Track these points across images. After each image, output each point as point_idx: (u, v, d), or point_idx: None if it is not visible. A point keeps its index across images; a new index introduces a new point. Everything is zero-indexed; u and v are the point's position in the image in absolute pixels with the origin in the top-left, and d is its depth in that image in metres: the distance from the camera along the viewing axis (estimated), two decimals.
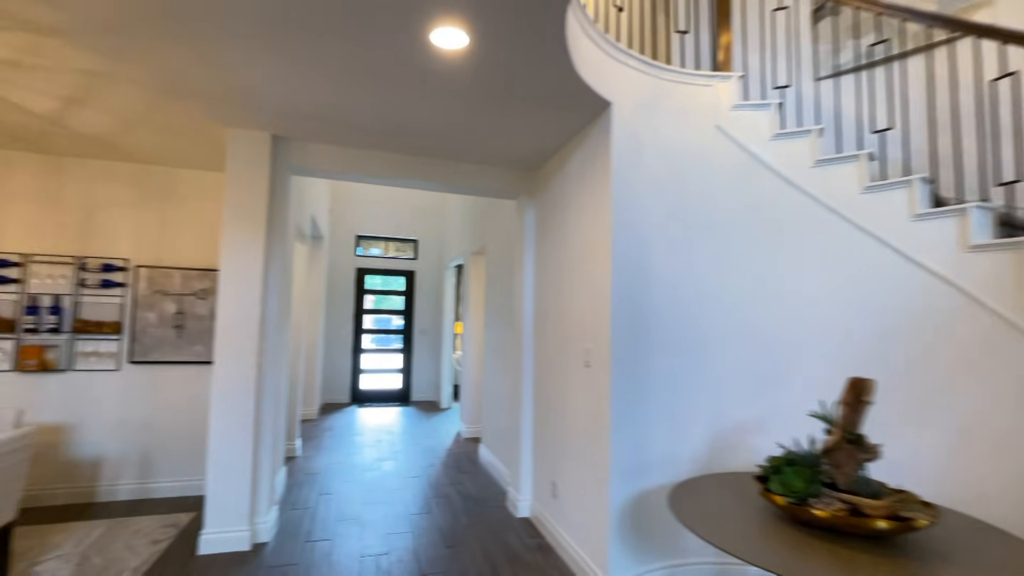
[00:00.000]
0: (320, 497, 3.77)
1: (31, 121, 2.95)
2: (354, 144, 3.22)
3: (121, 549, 2.81)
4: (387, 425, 6.37)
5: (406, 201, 8.35)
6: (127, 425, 3.62)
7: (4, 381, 3.43)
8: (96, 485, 3.55)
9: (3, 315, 3.43)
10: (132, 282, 3.67)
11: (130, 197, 3.71)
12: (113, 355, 3.61)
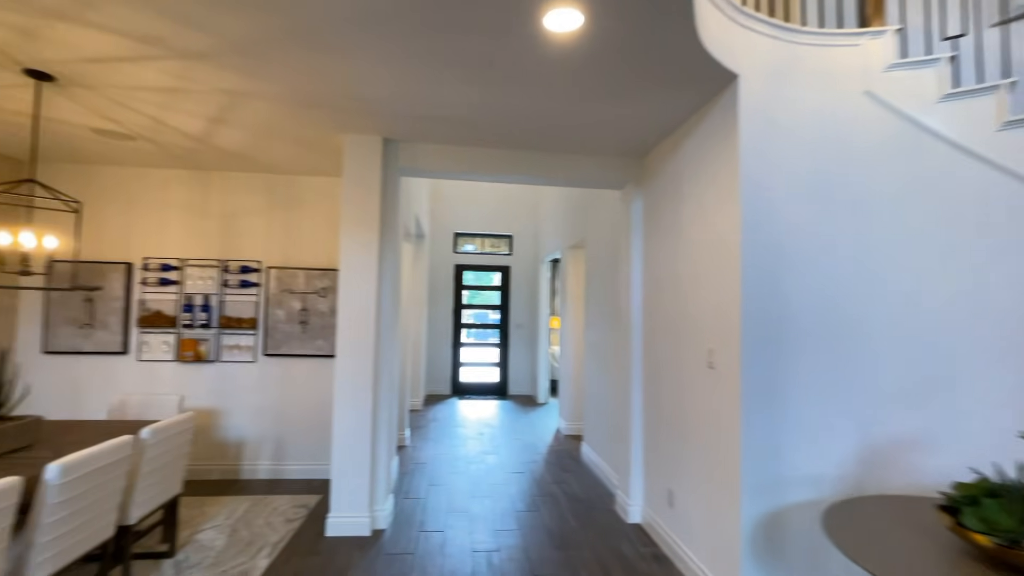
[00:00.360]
0: (430, 488, 3.90)
1: (184, 141, 3.33)
2: (459, 142, 3.24)
3: (262, 525, 3.10)
4: (487, 418, 6.48)
5: (501, 197, 8.42)
6: (263, 412, 4.01)
7: (168, 370, 3.95)
8: (240, 464, 3.97)
9: (166, 312, 3.95)
10: (264, 282, 4.04)
11: (261, 204, 4.08)
12: (250, 348, 4.00)
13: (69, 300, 3.88)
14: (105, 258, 3.95)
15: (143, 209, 3.99)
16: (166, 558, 2.66)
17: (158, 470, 2.44)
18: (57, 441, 2.41)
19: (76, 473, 1.86)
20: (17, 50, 2.18)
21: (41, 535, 1.77)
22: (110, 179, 3.98)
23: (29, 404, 3.85)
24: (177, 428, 2.54)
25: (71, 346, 3.88)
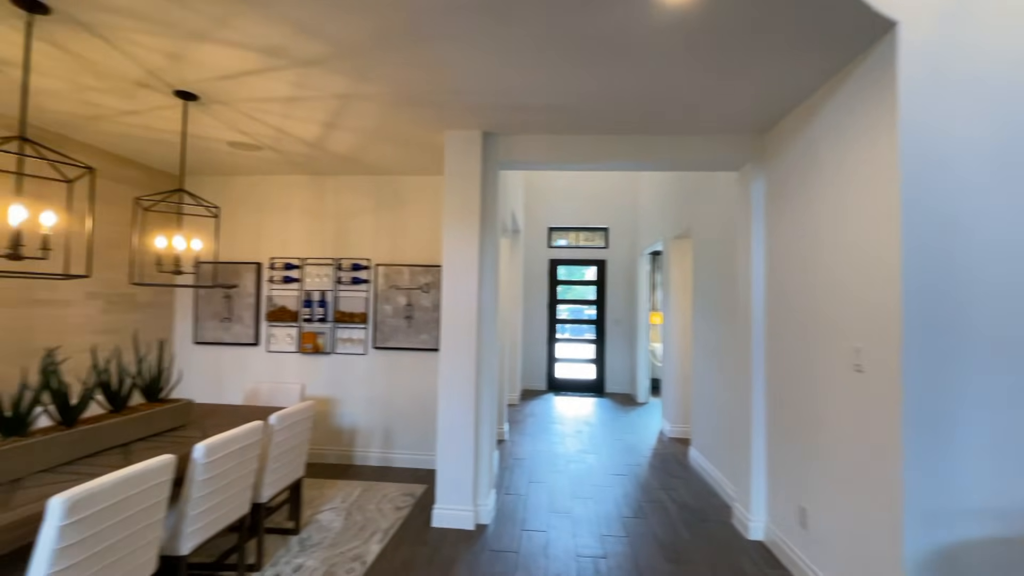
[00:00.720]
0: (530, 485, 3.85)
1: (302, 148, 3.58)
2: (559, 131, 3.13)
3: (373, 511, 3.25)
4: (584, 416, 6.33)
5: (596, 189, 8.18)
6: (373, 402, 4.22)
7: (291, 360, 4.30)
8: (353, 450, 4.23)
9: (290, 308, 4.30)
10: (373, 279, 4.25)
11: (369, 205, 4.29)
12: (361, 341, 4.23)
13: (212, 297, 4.38)
14: (239, 258, 4.40)
15: (270, 213, 4.39)
16: (292, 535, 2.88)
17: (284, 453, 2.63)
18: (204, 423, 2.69)
19: (218, 453, 2.04)
20: (168, 74, 2.44)
21: (191, 508, 1.97)
22: (242, 187, 4.42)
23: (182, 388, 4.41)
24: (300, 415, 2.72)
25: (215, 337, 4.37)
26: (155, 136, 3.37)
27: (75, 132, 3.32)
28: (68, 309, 3.47)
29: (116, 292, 3.85)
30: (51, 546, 1.38)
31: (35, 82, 2.57)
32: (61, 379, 2.04)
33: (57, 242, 3.18)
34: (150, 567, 1.78)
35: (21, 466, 1.79)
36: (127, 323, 3.95)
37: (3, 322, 3.05)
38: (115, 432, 2.19)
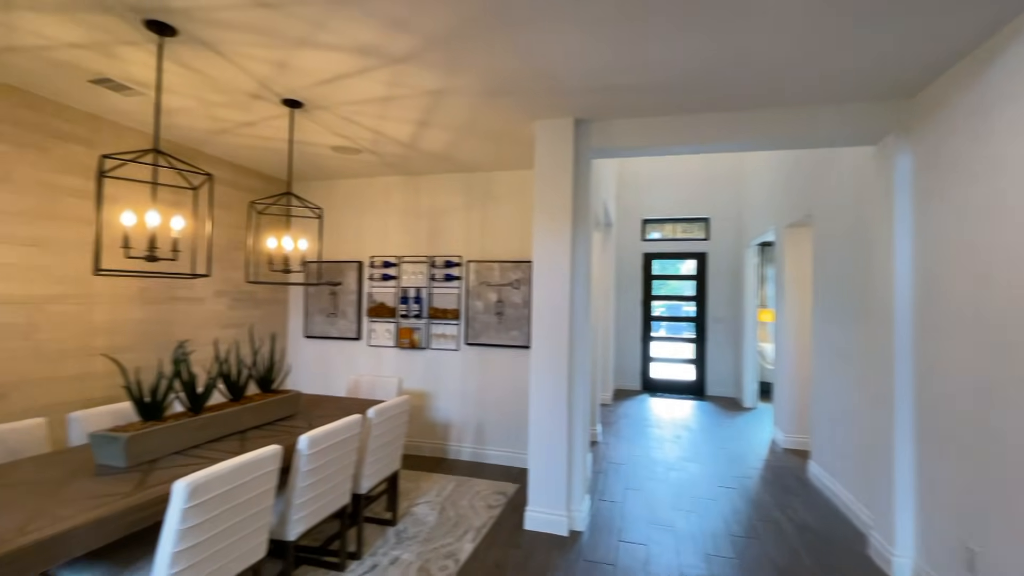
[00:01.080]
0: (627, 492, 3.64)
1: (397, 148, 3.67)
2: (658, 112, 2.89)
3: (466, 507, 3.25)
4: (683, 419, 5.92)
5: (695, 177, 7.64)
6: (465, 397, 4.25)
7: (390, 354, 4.47)
8: (447, 444, 4.29)
9: (388, 304, 4.47)
10: (465, 275, 4.27)
11: (460, 202, 4.32)
12: (454, 337, 4.28)
13: (320, 294, 4.68)
14: (343, 258, 4.66)
15: (369, 214, 4.59)
16: (389, 525, 2.96)
17: (382, 447, 2.69)
18: (310, 413, 2.84)
19: (320, 445, 2.11)
20: (276, 83, 2.59)
21: (296, 496, 2.05)
22: (345, 191, 4.67)
23: (295, 378, 4.77)
24: (396, 409, 2.77)
25: (322, 332, 4.67)
26: (268, 145, 3.64)
27: (204, 146, 3.69)
28: (201, 306, 3.88)
29: (239, 290, 4.24)
30: (175, 526, 1.48)
31: (169, 102, 2.86)
32: (190, 369, 2.24)
33: (185, 245, 3.56)
34: (261, 550, 1.87)
35: (157, 447, 1.98)
36: (249, 319, 4.34)
37: (151, 316, 3.48)
38: (234, 419, 2.36)
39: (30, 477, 1.75)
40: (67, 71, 2.50)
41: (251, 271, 3.39)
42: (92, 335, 3.10)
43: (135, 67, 2.45)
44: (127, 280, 3.31)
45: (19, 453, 2.10)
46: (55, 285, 2.90)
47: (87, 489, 1.66)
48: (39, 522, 1.42)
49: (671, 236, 7.83)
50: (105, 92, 2.75)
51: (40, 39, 2.19)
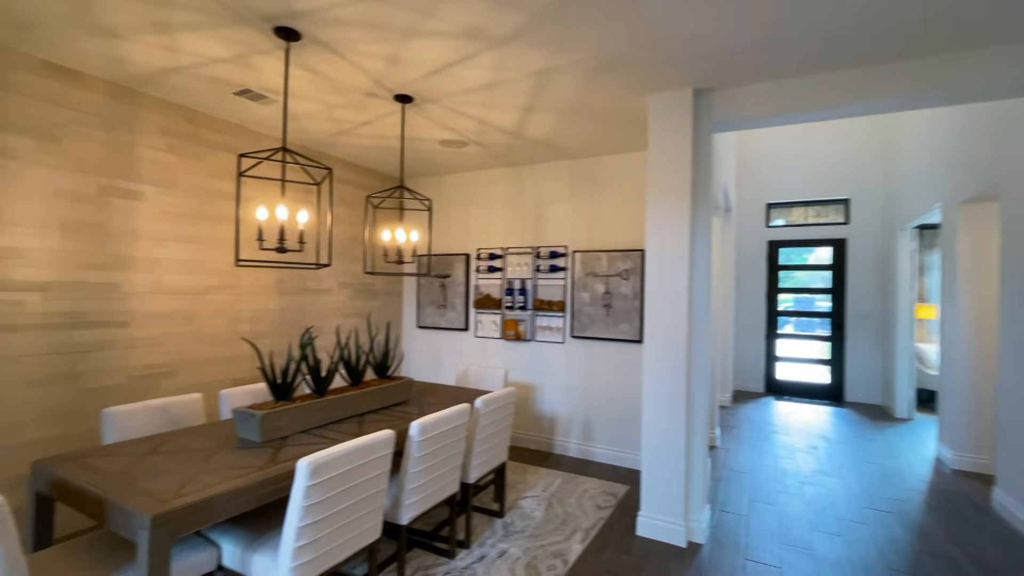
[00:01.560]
0: (753, 505, 3.26)
1: (502, 138, 3.64)
2: (794, 72, 2.50)
3: (574, 505, 3.13)
4: (817, 427, 5.23)
5: (830, 153, 6.70)
6: (571, 392, 4.13)
7: (496, 346, 4.50)
8: (553, 439, 4.21)
9: (494, 296, 4.50)
10: (570, 266, 4.14)
11: (565, 190, 4.19)
12: (559, 330, 4.18)
13: (431, 286, 4.85)
14: (451, 251, 4.77)
15: (475, 207, 4.64)
16: (497, 517, 2.94)
17: (489, 437, 2.67)
18: (422, 400, 2.92)
19: (430, 432, 2.13)
20: (388, 79, 2.66)
21: (409, 481, 2.09)
22: (452, 185, 4.77)
23: (408, 366, 5.01)
24: (503, 400, 2.74)
25: (433, 322, 4.84)
26: (382, 143, 3.82)
27: (327, 148, 3.97)
28: (327, 296, 4.20)
29: (360, 282, 4.53)
30: (300, 503, 1.56)
31: (297, 107, 3.09)
32: (315, 354, 2.39)
33: (310, 238, 3.86)
34: (376, 531, 1.93)
35: (287, 425, 2.13)
36: (368, 309, 4.63)
37: (286, 305, 3.83)
38: (353, 403, 2.48)
39: (186, 446, 1.97)
40: (216, 85, 2.80)
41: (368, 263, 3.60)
42: (239, 322, 3.49)
43: (269, 75, 2.66)
44: (266, 273, 3.67)
45: (181, 423, 2.39)
46: (210, 277, 3.30)
47: (229, 460, 1.82)
48: (191, 487, 1.57)
49: (800, 221, 6.97)
50: (246, 102, 3.04)
51: (194, 57, 2.47)
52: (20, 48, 2.43)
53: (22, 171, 2.47)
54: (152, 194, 2.99)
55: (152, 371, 2.98)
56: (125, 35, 2.27)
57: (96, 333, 2.74)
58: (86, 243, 2.70)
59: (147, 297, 2.97)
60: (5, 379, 2.42)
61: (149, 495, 1.49)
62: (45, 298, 2.55)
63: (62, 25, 2.20)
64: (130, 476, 1.64)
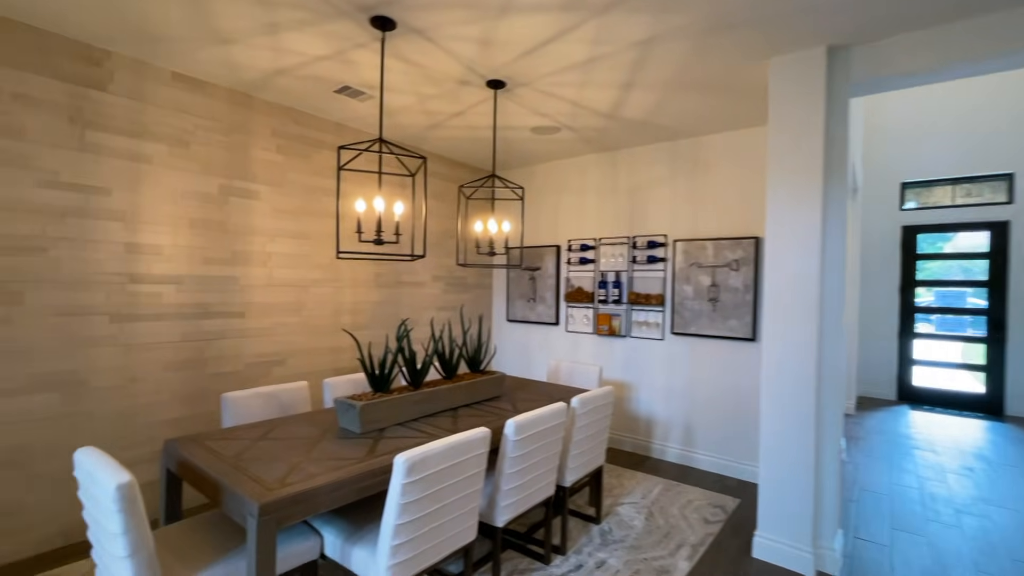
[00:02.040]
0: (895, 534, 2.78)
1: (596, 121, 3.43)
2: (959, 13, 2.03)
3: (677, 517, 2.87)
4: (970, 444, 4.42)
5: (985, 122, 5.63)
6: (671, 392, 3.83)
7: (587, 341, 4.31)
8: (650, 442, 3.94)
9: (586, 289, 4.30)
10: (670, 256, 3.83)
11: (664, 174, 3.88)
12: (658, 325, 3.89)
13: (520, 279, 4.76)
14: (541, 242, 4.65)
15: (566, 196, 4.47)
16: (593, 523, 2.77)
17: (587, 439, 2.51)
18: (514, 396, 2.82)
19: (527, 432, 2.01)
20: (480, 64, 2.58)
21: (504, 482, 1.99)
22: (543, 175, 4.64)
23: (497, 361, 4.97)
24: (600, 400, 2.56)
25: (523, 316, 4.76)
26: (474, 134, 3.77)
27: (421, 142, 4.01)
28: (422, 289, 4.27)
29: (452, 275, 4.57)
30: (397, 500, 1.51)
31: (393, 101, 3.12)
32: (411, 346, 2.38)
33: (405, 230, 3.92)
34: (472, 532, 1.85)
35: (384, 417, 2.12)
36: (460, 302, 4.65)
37: (383, 298, 3.94)
38: (447, 397, 2.44)
39: (293, 433, 2.03)
40: (318, 85, 2.90)
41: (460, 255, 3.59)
42: (340, 313, 3.63)
43: (366, 70, 2.70)
44: (365, 266, 3.79)
45: (289, 409, 2.50)
46: (314, 270, 3.46)
47: (330, 450, 1.84)
48: (295, 476, 1.58)
49: (946, 203, 5.94)
50: (345, 100, 3.13)
51: (298, 57, 2.55)
52: (155, 62, 2.67)
53: (158, 175, 2.72)
54: (265, 193, 3.18)
55: (264, 359, 3.19)
56: (238, 40, 2.39)
57: (218, 323, 2.97)
58: (210, 239, 2.93)
59: (261, 289, 3.17)
60: (148, 363, 2.69)
61: (258, 482, 1.52)
62: (177, 290, 2.80)
63: (185, 36, 2.36)
64: (243, 461, 1.70)
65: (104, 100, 2.52)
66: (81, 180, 2.46)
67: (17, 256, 2.29)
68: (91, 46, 2.47)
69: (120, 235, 2.59)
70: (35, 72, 2.32)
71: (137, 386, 2.66)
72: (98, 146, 2.51)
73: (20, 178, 2.29)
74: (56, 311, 2.40)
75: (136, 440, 2.66)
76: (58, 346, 2.40)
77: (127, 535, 1.29)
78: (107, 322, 2.55)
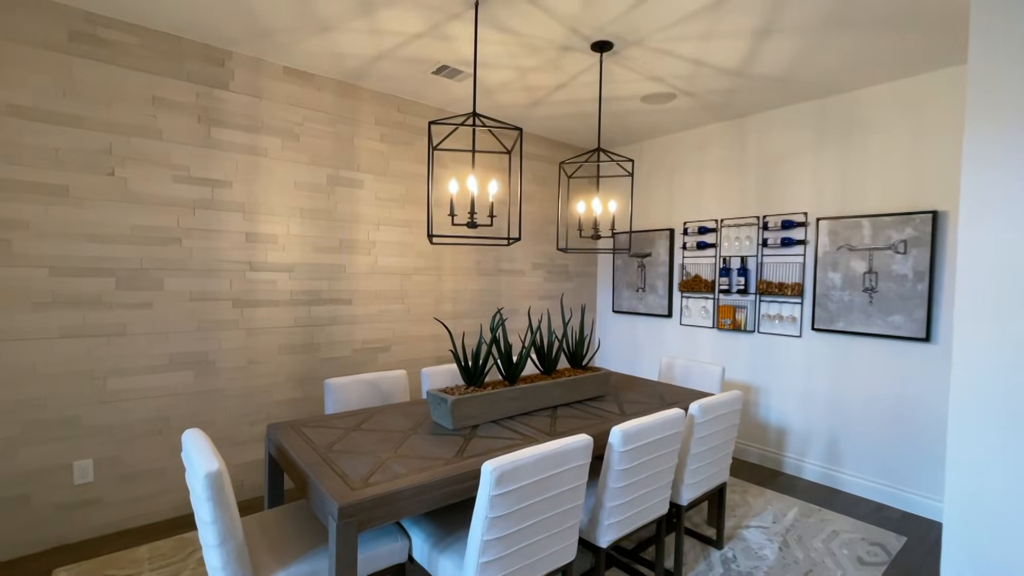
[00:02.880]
0: None
1: (720, 82, 2.95)
2: None
3: (822, 552, 2.38)
4: None
5: None
6: (810, 399, 3.24)
7: (706, 336, 3.83)
8: (782, 454, 3.39)
9: (704, 277, 3.82)
10: (812, 238, 3.22)
11: (806, 141, 3.25)
12: (794, 320, 3.30)
13: (628, 267, 4.39)
14: (652, 226, 4.23)
15: (681, 174, 4.00)
16: (713, 546, 2.40)
17: (708, 451, 2.14)
18: (620, 396, 2.53)
19: (635, 442, 1.73)
20: (583, 23, 2.29)
21: (609, 498, 1.73)
22: (655, 151, 4.20)
23: (601, 355, 4.66)
24: (726, 408, 2.17)
25: (630, 307, 4.39)
26: (576, 109, 3.48)
27: (521, 122, 3.82)
28: (521, 277, 4.11)
29: (553, 263, 4.34)
30: (485, 514, 1.33)
31: (489, 78, 2.95)
32: (506, 338, 2.20)
33: (501, 212, 3.76)
34: (571, 552, 1.63)
35: (477, 414, 1.98)
36: (561, 291, 4.42)
37: (483, 286, 3.85)
38: (545, 394, 2.23)
39: (386, 424, 1.97)
40: (416, 67, 2.82)
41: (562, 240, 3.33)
42: (441, 301, 3.60)
43: (461, 44, 2.55)
44: (465, 254, 3.72)
45: (388, 397, 2.48)
46: (417, 258, 3.45)
47: (420, 447, 1.72)
48: (380, 474, 1.48)
49: None
50: (443, 82, 3.03)
51: (395, 37, 2.48)
52: (269, 59, 2.77)
53: (272, 167, 2.84)
54: (369, 181, 3.21)
55: (370, 346, 3.24)
56: (336, 25, 2.37)
57: (327, 309, 3.06)
58: (319, 228, 3.02)
59: (366, 277, 3.22)
60: (265, 345, 2.85)
61: (342, 479, 1.44)
62: (291, 277, 2.93)
63: (290, 27, 2.40)
64: (333, 452, 1.65)
65: (226, 98, 2.68)
66: (207, 174, 2.64)
67: (158, 246, 2.51)
68: (215, 47, 2.63)
69: (240, 225, 2.75)
70: (171, 76, 2.51)
71: (256, 368, 2.82)
72: (221, 142, 2.67)
73: (159, 175, 2.50)
74: (190, 297, 2.60)
75: (259, 417, 2.84)
76: (192, 328, 2.62)
77: (216, 524, 1.26)
78: (230, 307, 2.73)
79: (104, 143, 2.36)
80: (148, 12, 2.30)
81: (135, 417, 2.48)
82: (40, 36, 2.20)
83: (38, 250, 2.23)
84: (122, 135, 2.40)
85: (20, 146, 2.18)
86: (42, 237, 2.24)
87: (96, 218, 2.35)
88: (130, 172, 2.43)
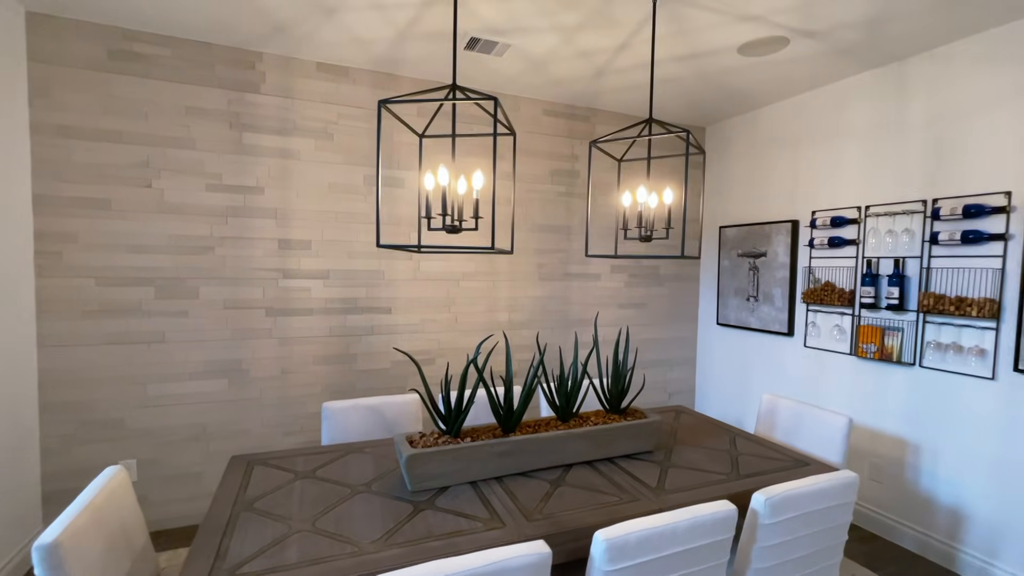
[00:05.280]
0: None
1: (862, 9, 2.05)
2: None
3: None
4: None
5: None
6: (1009, 474, 2.15)
7: (839, 364, 2.83)
8: (957, 548, 2.32)
9: (838, 284, 2.83)
10: (1018, 232, 2.11)
11: (1007, 84, 2.14)
12: (983, 352, 2.22)
13: (738, 269, 3.51)
14: (766, 218, 3.30)
15: (807, 149, 3.02)
16: None
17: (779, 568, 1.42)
18: (674, 455, 1.87)
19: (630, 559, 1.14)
20: None
21: None
22: (765, 125, 3.25)
23: (699, 380, 3.82)
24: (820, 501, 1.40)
25: (738, 320, 3.51)
26: (657, 74, 2.79)
27: (593, 101, 3.22)
28: (596, 282, 3.52)
29: (638, 264, 3.65)
30: None
31: (531, 47, 2.45)
32: (509, 368, 1.72)
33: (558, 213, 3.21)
34: None
35: (446, 472, 1.54)
36: (650, 297, 3.70)
37: (548, 293, 3.35)
38: (553, 448, 1.70)
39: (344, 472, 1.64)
40: (443, 44, 2.45)
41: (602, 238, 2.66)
42: (496, 310, 3.20)
43: (486, 8, 2.10)
44: (526, 258, 3.26)
45: (394, 426, 2.16)
46: (466, 263, 3.10)
47: (349, 517, 1.35)
48: (260, 562, 1.14)
49: None
50: (482, 58, 2.61)
51: (402, 10, 2.13)
52: (300, 56, 2.64)
53: (305, 170, 2.72)
54: (410, 180, 2.94)
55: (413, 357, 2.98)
56: (338, 6, 2.10)
57: (364, 318, 2.87)
58: (354, 232, 2.83)
59: (407, 284, 2.97)
60: (300, 355, 2.75)
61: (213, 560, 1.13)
62: (325, 285, 2.79)
63: (297, 16, 2.19)
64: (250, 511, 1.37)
65: (257, 102, 2.60)
66: (239, 181, 2.59)
67: (193, 255, 2.53)
68: (245, 49, 2.56)
69: (273, 232, 2.67)
70: (203, 84, 2.50)
71: (290, 377, 2.74)
72: (253, 147, 2.61)
73: (194, 184, 2.51)
74: (223, 305, 2.59)
75: (293, 428, 2.76)
76: (226, 337, 2.61)
77: None
78: (263, 316, 2.67)
79: (142, 156, 2.42)
80: (178, 21, 2.28)
81: (174, 422, 2.54)
82: (83, 57, 2.31)
83: (85, 261, 2.36)
84: (158, 147, 2.44)
85: (69, 164, 2.31)
86: (88, 249, 2.36)
87: (136, 229, 2.43)
88: (166, 183, 2.47)
